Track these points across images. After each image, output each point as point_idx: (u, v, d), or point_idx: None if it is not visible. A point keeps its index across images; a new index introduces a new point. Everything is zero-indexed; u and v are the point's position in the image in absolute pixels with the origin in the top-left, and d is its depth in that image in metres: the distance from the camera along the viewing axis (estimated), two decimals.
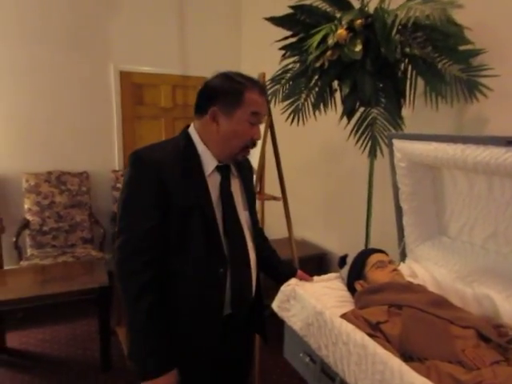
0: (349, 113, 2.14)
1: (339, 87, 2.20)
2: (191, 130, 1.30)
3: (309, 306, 1.37)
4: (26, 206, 3.67)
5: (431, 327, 1.26)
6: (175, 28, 4.23)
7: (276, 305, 1.53)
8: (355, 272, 1.60)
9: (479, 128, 2.10)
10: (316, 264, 3.32)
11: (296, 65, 2.25)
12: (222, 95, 1.21)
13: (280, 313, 1.52)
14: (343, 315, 1.35)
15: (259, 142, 2.26)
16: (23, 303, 2.49)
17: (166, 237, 1.18)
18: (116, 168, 4.13)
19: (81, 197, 3.86)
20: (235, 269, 1.26)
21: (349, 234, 3.13)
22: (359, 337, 1.16)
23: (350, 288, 1.60)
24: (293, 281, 1.50)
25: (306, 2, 2.10)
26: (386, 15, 1.86)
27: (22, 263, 3.31)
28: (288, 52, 2.23)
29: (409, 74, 2.05)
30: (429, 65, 1.89)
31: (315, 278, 1.62)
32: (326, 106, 2.26)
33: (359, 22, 1.91)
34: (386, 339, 1.23)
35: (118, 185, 3.96)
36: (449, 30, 1.80)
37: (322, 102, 2.23)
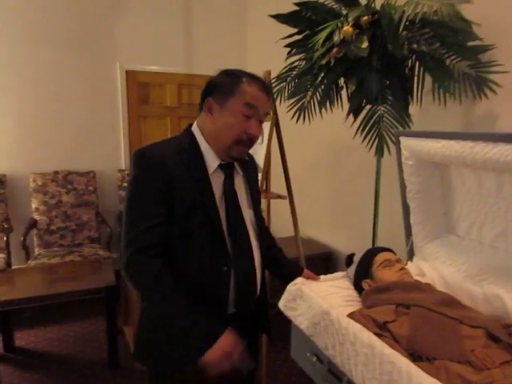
0: (355, 110, 2.12)
1: (345, 84, 2.18)
2: (194, 128, 1.29)
3: (315, 305, 1.36)
4: (33, 205, 3.69)
5: (440, 327, 1.25)
6: (181, 27, 4.23)
7: (282, 304, 1.53)
8: (362, 271, 1.58)
9: (488, 125, 2.07)
10: (323, 263, 3.30)
11: (302, 62, 2.24)
12: (218, 86, 1.21)
13: (286, 312, 1.52)
14: (350, 314, 1.34)
15: (265, 139, 2.28)
16: (31, 302, 2.51)
17: (170, 235, 1.18)
18: (122, 167, 4.14)
19: (87, 196, 3.87)
20: (239, 267, 1.25)
21: (356, 233, 3.11)
22: (366, 336, 1.15)
23: (357, 287, 1.59)
24: (299, 280, 1.49)
25: None
26: (392, 11, 1.84)
27: (30, 262, 3.32)
28: (294, 49, 2.22)
29: (416, 71, 2.03)
30: (437, 61, 1.87)
31: (322, 277, 1.61)
32: (332, 103, 2.24)
33: (365, 18, 1.89)
34: (394, 339, 1.22)
35: (124, 184, 3.97)
36: (457, 25, 1.77)
37: (328, 99, 2.21)
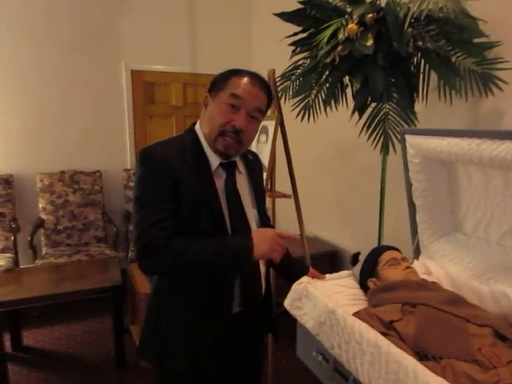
0: (360, 108, 2.11)
1: (350, 83, 2.17)
2: (197, 126, 1.30)
3: (321, 304, 1.36)
4: (40, 205, 3.72)
5: (446, 325, 1.24)
6: (186, 26, 4.23)
7: (288, 303, 1.52)
8: (368, 270, 1.58)
9: (495, 122, 2.06)
10: (329, 261, 3.30)
11: (306, 61, 2.23)
12: (215, 83, 1.24)
13: (292, 311, 1.51)
14: (356, 313, 1.34)
15: (269, 138, 2.27)
16: (38, 302, 2.53)
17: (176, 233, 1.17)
18: (128, 167, 4.15)
19: (94, 196, 3.89)
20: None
21: (362, 231, 3.10)
22: (372, 335, 1.14)
23: (363, 286, 1.58)
24: (304, 279, 1.49)
25: None
26: (398, 8, 1.83)
27: (37, 262, 3.35)
28: (298, 48, 2.21)
29: (422, 68, 2.02)
30: (442, 58, 1.85)
31: (327, 275, 1.60)
32: (336, 102, 2.24)
33: (370, 15, 1.88)
34: (400, 338, 1.21)
35: (130, 183, 3.99)
36: (463, 22, 1.76)
37: (333, 97, 2.20)
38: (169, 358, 1.27)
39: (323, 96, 2.24)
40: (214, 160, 1.25)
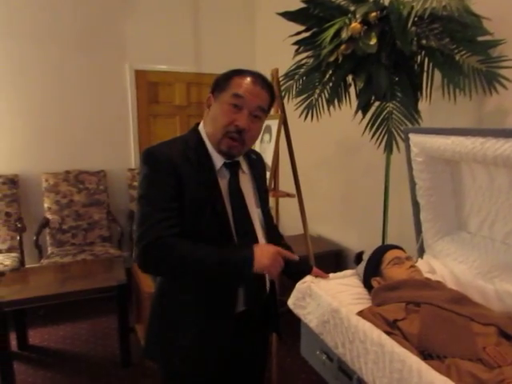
0: (364, 107, 2.11)
1: (354, 81, 2.17)
2: (201, 126, 1.30)
3: (324, 303, 1.36)
4: (45, 205, 3.73)
5: (451, 324, 1.24)
6: (189, 26, 4.24)
7: (291, 302, 1.52)
8: (371, 269, 1.57)
9: (499, 121, 2.05)
10: (333, 260, 3.30)
11: (310, 60, 2.23)
12: (217, 83, 1.24)
13: (295, 310, 1.51)
14: (360, 312, 1.33)
15: (273, 138, 2.27)
16: (44, 301, 2.54)
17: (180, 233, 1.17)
18: (132, 166, 4.16)
19: (98, 195, 3.91)
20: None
21: (366, 230, 3.10)
22: (376, 335, 1.14)
23: (367, 285, 1.58)
24: (308, 278, 1.49)
25: None
26: (401, 7, 1.83)
27: (43, 261, 3.37)
28: (301, 47, 2.21)
29: (425, 67, 2.01)
30: (446, 57, 1.85)
31: (331, 274, 1.60)
32: (340, 101, 2.23)
33: (374, 14, 1.88)
34: (404, 337, 1.21)
35: (134, 183, 4.00)
36: (467, 20, 1.76)
37: (337, 96, 2.20)
38: (174, 357, 1.27)
39: (326, 95, 2.24)
40: (218, 160, 1.25)
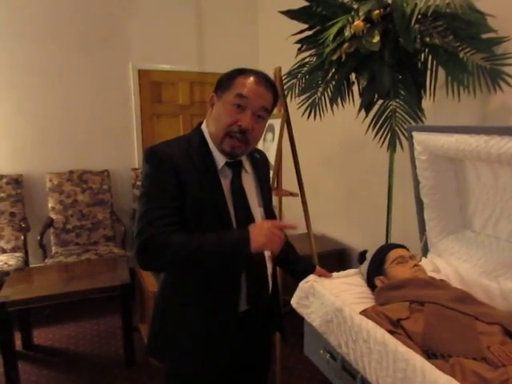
0: (367, 106, 2.10)
1: (357, 80, 2.16)
2: (203, 126, 1.30)
3: (328, 302, 1.35)
4: (49, 204, 3.75)
5: (455, 323, 1.23)
6: (192, 25, 4.24)
7: (295, 301, 1.52)
8: (375, 268, 1.57)
9: (504, 118, 2.03)
10: (336, 260, 3.29)
11: (312, 58, 2.22)
12: (221, 82, 1.23)
13: (299, 309, 1.51)
14: (363, 312, 1.33)
15: (276, 137, 2.27)
16: (48, 301, 2.55)
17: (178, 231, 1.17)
18: (136, 166, 4.17)
19: (102, 195, 3.92)
20: (250, 265, 1.25)
21: (369, 229, 3.09)
22: (380, 334, 1.14)
23: (370, 284, 1.58)
24: (311, 277, 1.49)
25: None
26: (404, 4, 1.82)
27: (47, 261, 3.38)
28: (304, 45, 2.20)
29: (429, 65, 2.00)
30: (450, 54, 1.84)
31: (334, 274, 1.59)
32: (343, 99, 2.23)
33: (377, 12, 1.87)
34: (408, 336, 1.20)
35: (137, 183, 4.01)
36: (471, 17, 1.74)
37: (340, 95, 2.19)
38: (177, 356, 1.28)
39: (329, 94, 2.23)
40: (220, 159, 1.25)
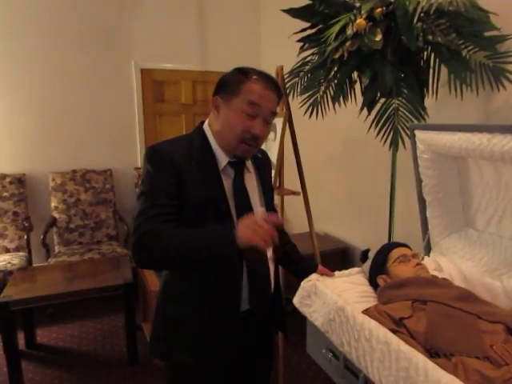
0: (369, 104, 2.09)
1: (359, 78, 2.16)
2: (205, 125, 1.29)
3: (330, 301, 1.35)
4: (52, 204, 3.76)
5: (458, 322, 1.23)
6: (195, 23, 4.24)
7: (297, 300, 1.52)
8: (377, 266, 1.57)
9: (506, 117, 2.03)
10: (339, 258, 3.29)
11: (315, 57, 2.22)
12: (225, 85, 1.21)
13: (301, 308, 1.51)
14: (365, 311, 1.33)
15: (277, 136, 2.27)
16: (52, 300, 2.56)
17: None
18: (138, 165, 4.17)
19: (105, 194, 3.93)
20: (251, 265, 1.25)
21: (372, 228, 3.08)
22: (382, 333, 1.14)
23: (372, 283, 1.57)
24: (313, 276, 1.49)
25: None
26: (407, 2, 1.81)
27: (50, 260, 3.39)
28: (306, 44, 2.20)
29: (432, 63, 1.99)
30: (453, 52, 1.83)
31: (336, 273, 1.59)
32: (345, 98, 2.22)
33: (379, 10, 1.86)
34: (410, 335, 1.20)
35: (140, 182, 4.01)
36: (473, 15, 1.73)
37: (342, 94, 2.18)
38: (178, 356, 1.28)
39: (332, 92, 2.22)
40: (223, 159, 1.25)
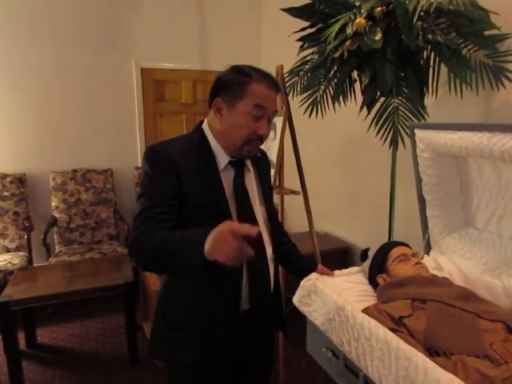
0: (369, 103, 2.09)
1: (359, 77, 2.15)
2: (205, 125, 1.29)
3: (330, 300, 1.35)
4: (53, 203, 3.76)
5: (457, 321, 1.23)
6: (195, 23, 4.24)
7: (297, 300, 1.52)
8: (377, 265, 1.57)
9: (506, 116, 2.02)
10: (339, 258, 3.29)
11: (314, 56, 2.22)
12: (227, 86, 1.20)
13: (301, 308, 1.51)
14: (365, 310, 1.33)
15: (277, 135, 2.27)
16: (52, 299, 2.56)
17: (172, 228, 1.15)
18: (139, 165, 4.17)
19: (106, 194, 3.93)
20: (251, 264, 1.24)
21: (372, 227, 3.08)
22: (382, 332, 1.14)
23: (372, 282, 1.57)
24: (313, 275, 1.49)
25: None
26: (407, 1, 1.81)
27: (51, 260, 3.39)
28: (306, 43, 2.19)
29: (432, 62, 1.99)
30: (453, 51, 1.82)
31: (336, 272, 1.59)
32: (345, 97, 2.22)
33: (379, 9, 1.86)
34: (410, 334, 1.20)
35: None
36: (473, 14, 1.73)
37: (342, 93, 2.18)
38: (178, 356, 1.28)
39: (331, 91, 2.22)
40: (223, 159, 1.25)
